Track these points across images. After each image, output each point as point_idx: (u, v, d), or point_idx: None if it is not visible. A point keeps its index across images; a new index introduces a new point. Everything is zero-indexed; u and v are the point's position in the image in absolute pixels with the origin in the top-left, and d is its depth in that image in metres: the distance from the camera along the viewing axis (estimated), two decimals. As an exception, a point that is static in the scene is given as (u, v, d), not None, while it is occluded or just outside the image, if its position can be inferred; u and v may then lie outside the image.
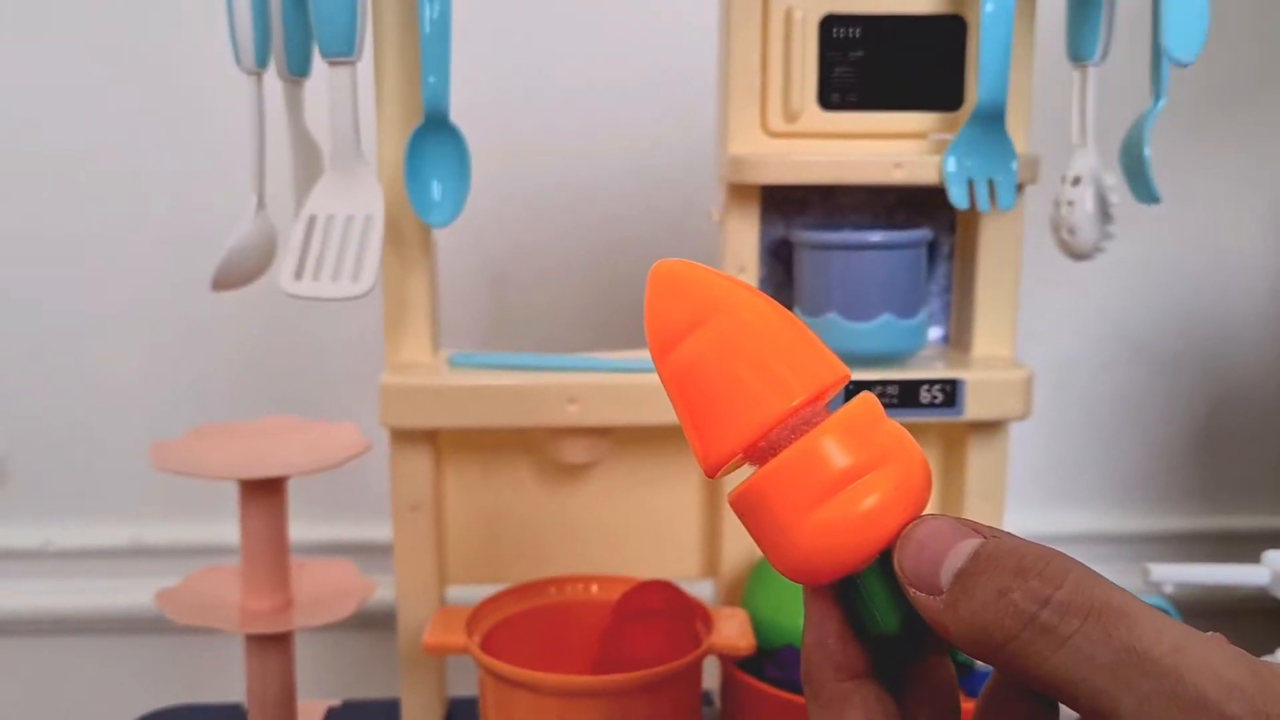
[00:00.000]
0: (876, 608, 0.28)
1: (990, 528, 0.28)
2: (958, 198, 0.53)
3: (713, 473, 0.31)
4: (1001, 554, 0.26)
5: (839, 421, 0.29)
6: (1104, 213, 0.55)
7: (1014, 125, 0.54)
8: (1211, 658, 0.24)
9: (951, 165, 0.53)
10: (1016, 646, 0.25)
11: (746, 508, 0.29)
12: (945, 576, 0.26)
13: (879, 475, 0.28)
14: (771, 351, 0.29)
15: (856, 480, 0.28)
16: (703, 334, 0.30)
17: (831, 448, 0.28)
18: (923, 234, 0.55)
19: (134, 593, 0.86)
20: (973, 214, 0.56)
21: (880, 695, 0.29)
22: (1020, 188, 0.55)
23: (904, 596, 0.28)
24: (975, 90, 0.53)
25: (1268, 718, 0.23)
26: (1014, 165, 0.53)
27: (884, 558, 0.28)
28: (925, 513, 0.29)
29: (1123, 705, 0.24)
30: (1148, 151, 0.56)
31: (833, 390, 0.30)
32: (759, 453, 0.30)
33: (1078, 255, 0.55)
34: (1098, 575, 0.26)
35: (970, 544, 0.27)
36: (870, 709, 0.29)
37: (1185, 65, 0.52)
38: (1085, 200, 0.54)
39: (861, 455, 0.28)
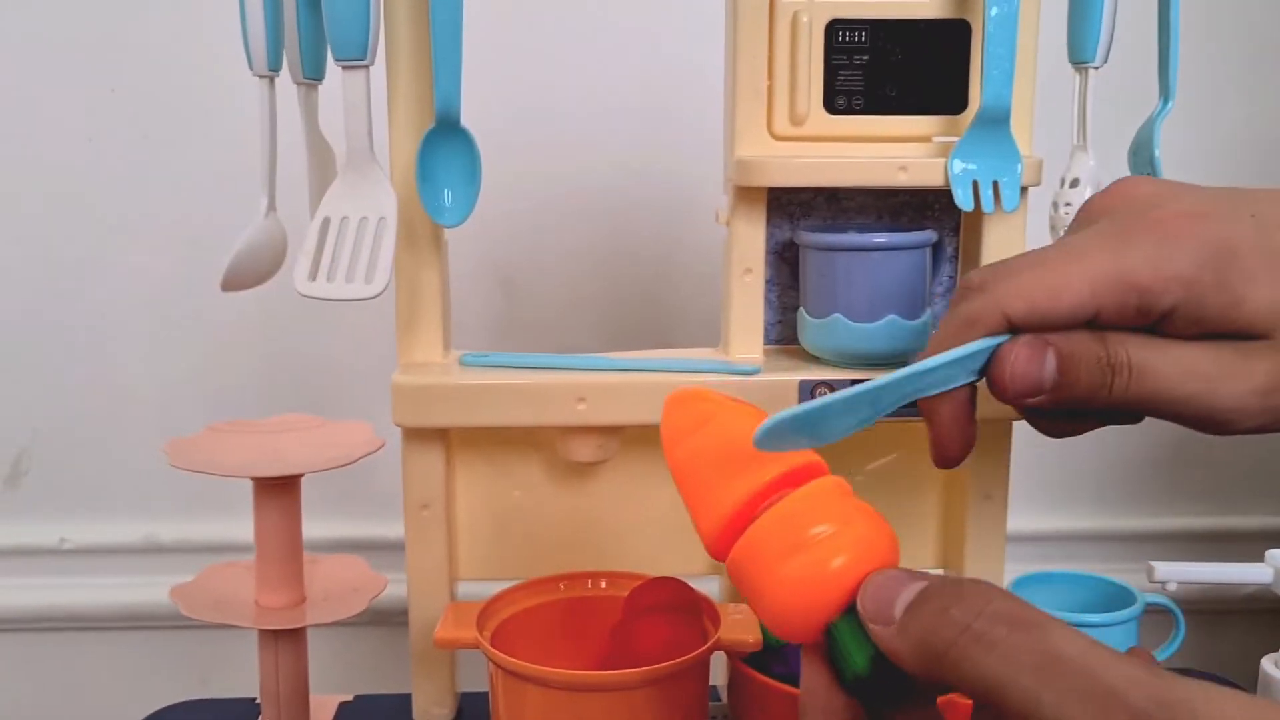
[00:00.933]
0: (849, 650, 0.32)
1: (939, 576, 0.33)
2: (963, 199, 0.54)
3: (714, 550, 0.36)
4: (943, 584, 0.31)
5: (803, 492, 0.35)
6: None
7: (1017, 127, 0.55)
8: (1116, 659, 0.28)
9: (956, 167, 0.54)
10: (955, 653, 0.29)
11: (735, 574, 0.35)
12: (898, 609, 0.31)
13: (845, 535, 0.33)
14: (749, 445, 0.35)
15: (822, 538, 0.33)
16: (698, 435, 0.37)
17: (795, 510, 0.34)
18: (927, 235, 0.56)
19: (148, 589, 0.87)
20: (976, 215, 0.57)
21: None
22: (1024, 189, 0.55)
23: (870, 640, 0.32)
24: (979, 93, 0.54)
25: (1163, 703, 0.26)
26: (1018, 167, 0.54)
27: (853, 610, 0.33)
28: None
29: (1044, 701, 0.27)
30: (1158, 153, 0.56)
31: (805, 473, 0.36)
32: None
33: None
34: (1019, 598, 0.30)
35: (919, 584, 0.31)
36: None
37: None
38: (1083, 202, 0.55)
39: (823, 516, 0.34)
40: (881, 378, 0.37)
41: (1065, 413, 0.41)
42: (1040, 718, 0.27)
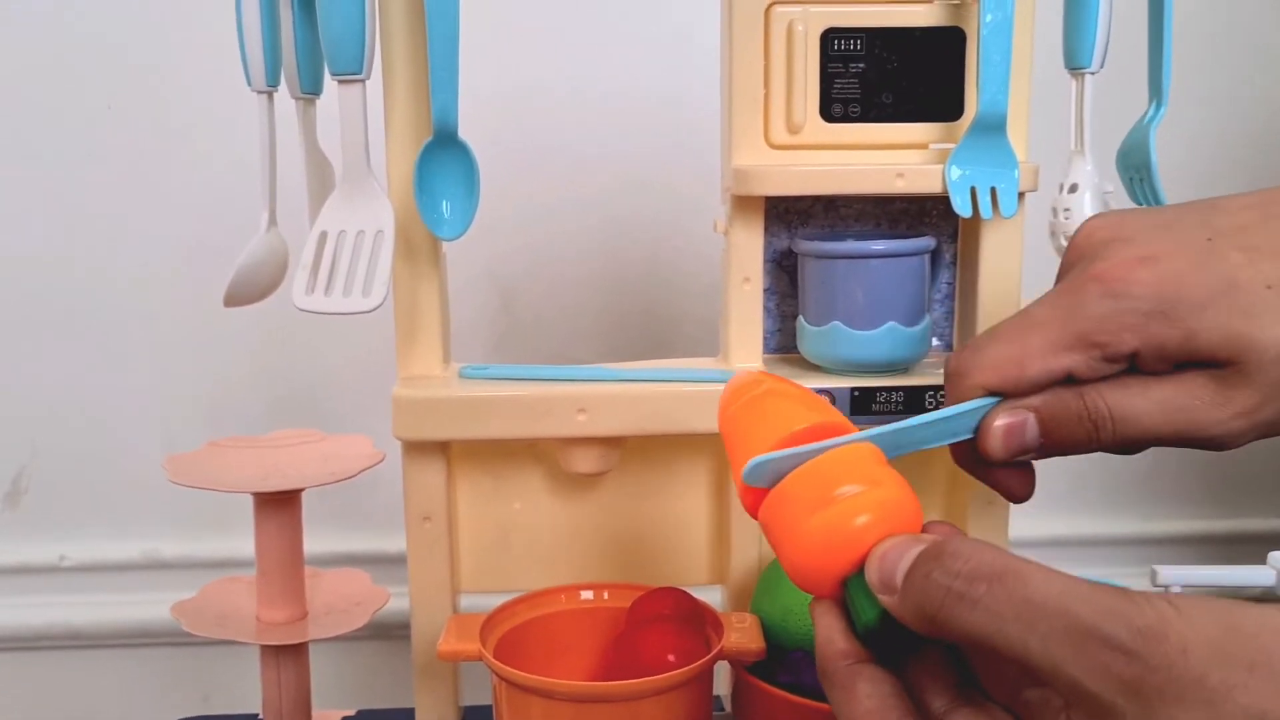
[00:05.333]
0: (860, 606, 0.35)
1: (948, 527, 0.36)
2: (960, 206, 0.54)
3: (746, 504, 0.39)
4: (931, 549, 0.33)
5: (836, 453, 0.37)
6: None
7: (1014, 134, 0.55)
8: (1092, 593, 0.29)
9: (954, 173, 0.54)
10: (944, 614, 0.31)
11: (766, 525, 0.37)
12: (899, 578, 0.33)
13: (869, 497, 0.35)
14: (785, 407, 0.40)
15: (848, 497, 0.35)
16: (746, 398, 0.41)
17: (827, 468, 0.36)
18: (925, 242, 0.56)
19: (148, 606, 0.87)
20: (974, 222, 0.57)
21: (885, 673, 0.34)
22: (1021, 195, 0.55)
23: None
24: (975, 100, 0.54)
25: (1139, 630, 0.28)
26: (1015, 173, 0.54)
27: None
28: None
29: (1031, 645, 0.29)
30: (1155, 158, 0.56)
31: (830, 430, 0.39)
32: None
33: (1078, 261, 0.56)
34: (999, 549, 0.32)
35: (915, 550, 0.33)
36: (877, 680, 0.34)
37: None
38: (1082, 207, 0.55)
39: (852, 476, 0.36)
40: (874, 429, 0.39)
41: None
42: (1031, 661, 0.29)
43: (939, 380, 0.56)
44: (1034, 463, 0.44)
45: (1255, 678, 0.27)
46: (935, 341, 0.61)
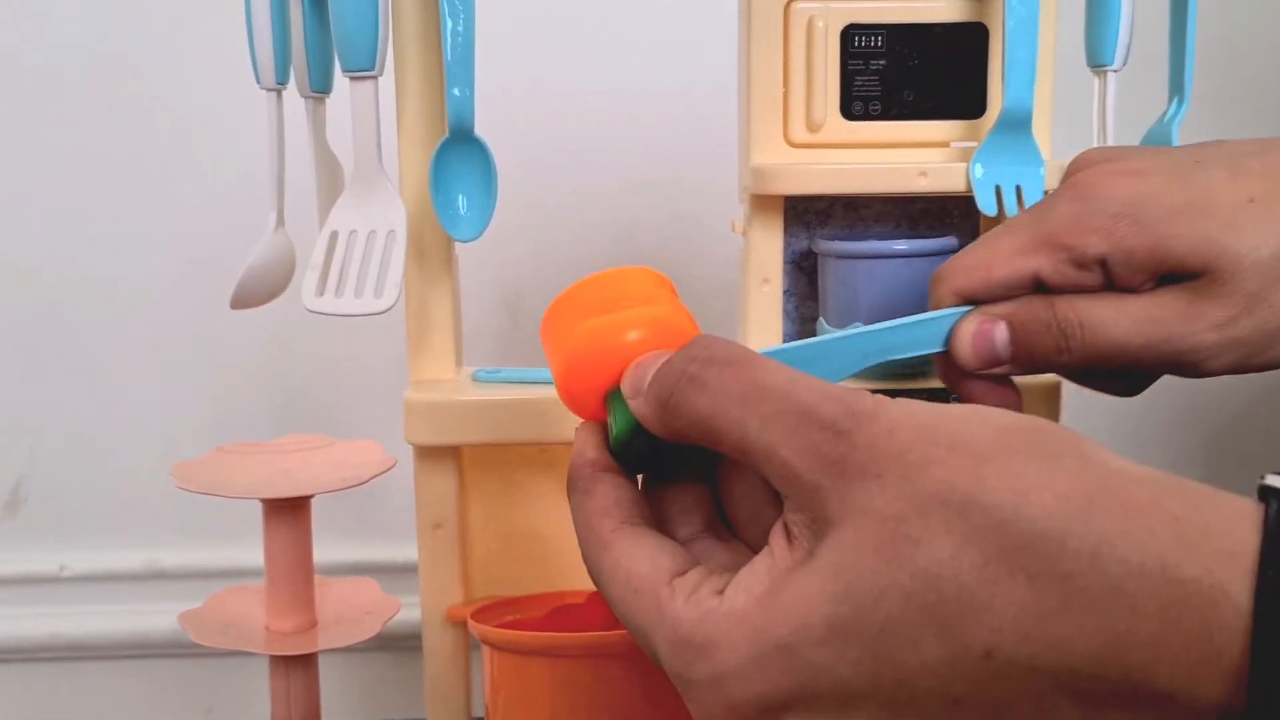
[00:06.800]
0: (615, 415, 0.34)
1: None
2: (985, 204, 0.53)
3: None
4: (682, 347, 0.33)
5: (626, 269, 0.37)
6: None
7: (1037, 131, 0.54)
8: (814, 382, 0.30)
9: (978, 172, 0.53)
10: (675, 398, 0.31)
11: (544, 337, 0.37)
12: (646, 380, 0.33)
13: (646, 314, 0.35)
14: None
15: (626, 311, 0.35)
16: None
17: (612, 279, 0.36)
18: (948, 242, 0.55)
19: (151, 617, 0.85)
20: (997, 221, 0.56)
21: (628, 481, 0.35)
22: (1046, 193, 0.54)
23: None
24: (999, 97, 0.53)
25: (853, 412, 0.28)
26: (1041, 170, 0.53)
27: None
28: None
29: (750, 426, 0.29)
30: None
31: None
32: None
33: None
34: (736, 343, 0.32)
35: (666, 355, 0.33)
36: (619, 485, 0.34)
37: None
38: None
39: (636, 298, 0.35)
40: (836, 333, 0.38)
41: (1098, 374, 0.43)
42: (749, 443, 0.29)
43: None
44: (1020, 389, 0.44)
45: (954, 454, 0.27)
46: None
